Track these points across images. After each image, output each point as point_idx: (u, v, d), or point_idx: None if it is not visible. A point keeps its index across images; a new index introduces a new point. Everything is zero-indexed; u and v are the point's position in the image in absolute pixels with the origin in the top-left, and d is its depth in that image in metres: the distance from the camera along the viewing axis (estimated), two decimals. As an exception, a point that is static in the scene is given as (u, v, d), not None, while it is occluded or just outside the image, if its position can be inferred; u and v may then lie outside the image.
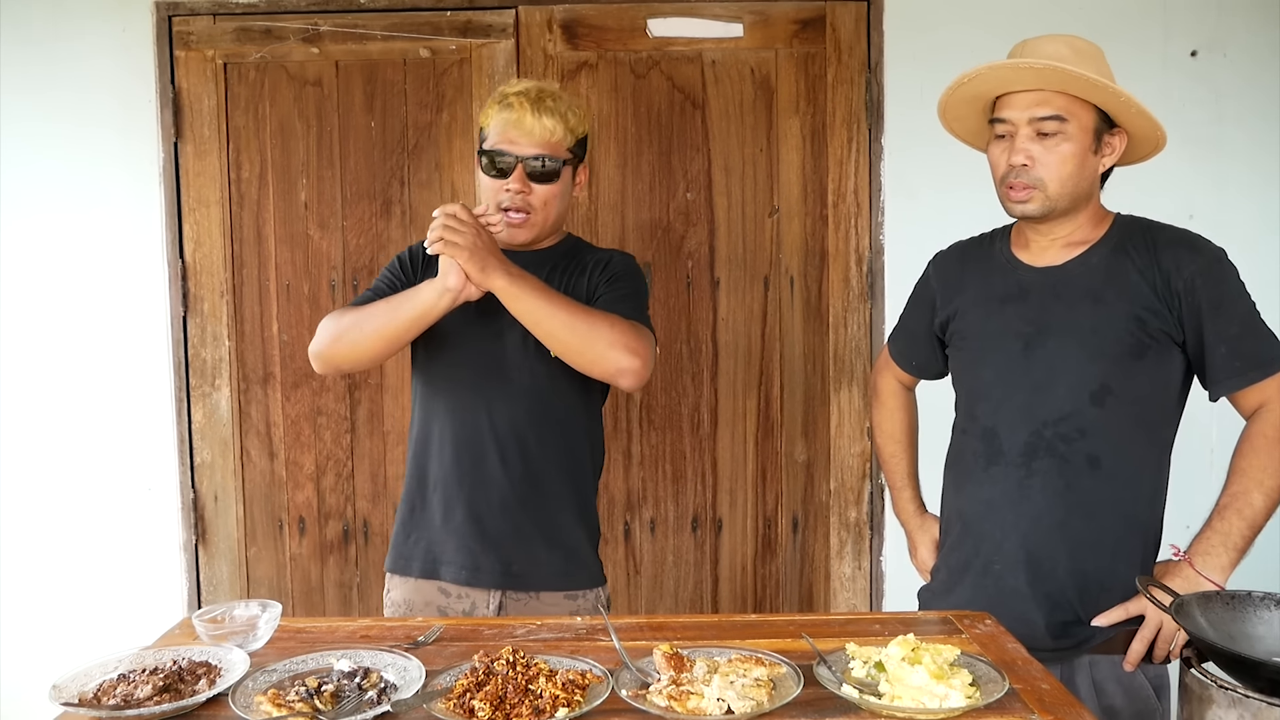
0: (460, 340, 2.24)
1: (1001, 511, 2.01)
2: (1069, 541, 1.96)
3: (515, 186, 2.17)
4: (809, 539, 3.46)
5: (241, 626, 1.70)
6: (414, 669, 1.56)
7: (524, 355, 2.21)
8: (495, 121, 2.20)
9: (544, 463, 2.25)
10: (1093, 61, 1.93)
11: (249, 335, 3.43)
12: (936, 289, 2.22)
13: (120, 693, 1.48)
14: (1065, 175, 1.93)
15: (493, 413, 2.22)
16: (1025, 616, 1.94)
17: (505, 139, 2.18)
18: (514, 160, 2.17)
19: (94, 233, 3.40)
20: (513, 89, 2.21)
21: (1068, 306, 1.97)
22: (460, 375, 2.25)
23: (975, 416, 2.08)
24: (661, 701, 1.44)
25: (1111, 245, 1.99)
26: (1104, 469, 1.94)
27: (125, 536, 3.47)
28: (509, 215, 2.19)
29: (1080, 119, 1.92)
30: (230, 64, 3.34)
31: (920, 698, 1.43)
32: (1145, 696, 1.95)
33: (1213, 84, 3.26)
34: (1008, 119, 1.96)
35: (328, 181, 3.38)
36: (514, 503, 2.22)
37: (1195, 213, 3.23)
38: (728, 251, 3.37)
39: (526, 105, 2.17)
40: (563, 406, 2.26)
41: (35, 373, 3.44)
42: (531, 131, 2.17)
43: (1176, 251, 1.93)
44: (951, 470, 2.17)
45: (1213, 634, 1.65)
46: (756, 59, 3.33)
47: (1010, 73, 1.92)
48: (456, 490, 2.23)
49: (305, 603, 3.48)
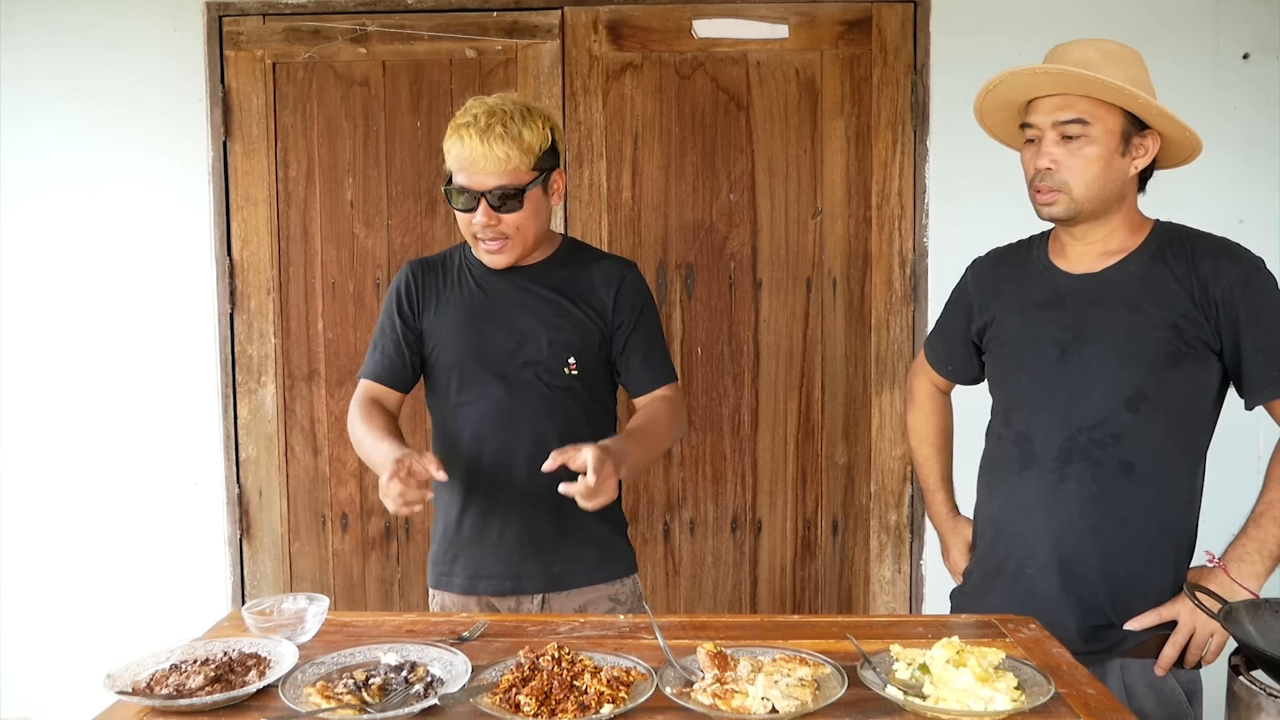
0: (476, 364, 2.25)
1: (1034, 515, 2.01)
2: (1101, 546, 1.95)
3: (482, 221, 2.14)
4: (849, 542, 3.45)
5: (290, 619, 1.73)
6: (460, 664, 1.58)
7: (543, 369, 2.23)
8: (452, 154, 2.14)
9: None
10: (1123, 65, 1.93)
11: (294, 332, 3.46)
12: (974, 295, 2.22)
13: (173, 682, 1.50)
14: (1090, 178, 1.92)
15: (519, 428, 2.24)
16: (1057, 620, 1.92)
17: (463, 173, 2.13)
18: (475, 195, 2.12)
19: (143, 230, 3.45)
20: (462, 117, 2.13)
21: (1105, 314, 1.96)
22: (482, 395, 2.25)
23: (1010, 421, 2.08)
24: (706, 699, 1.44)
25: (1150, 253, 1.97)
26: (1138, 474, 1.93)
27: (171, 531, 3.52)
28: (486, 244, 2.18)
29: (1105, 122, 1.91)
30: (279, 64, 3.38)
31: (965, 700, 1.42)
32: (1177, 701, 1.94)
33: (1265, 86, 3.22)
34: (1034, 123, 1.97)
35: (373, 181, 3.41)
36: (550, 511, 2.22)
37: (1246, 217, 3.20)
38: (770, 253, 3.37)
39: (475, 136, 2.08)
40: (584, 410, 2.29)
41: (83, 369, 3.50)
42: (485, 163, 2.09)
43: (1215, 260, 1.92)
44: (986, 474, 2.17)
45: (1261, 641, 1.63)
46: (801, 60, 3.33)
47: (1030, 78, 1.94)
48: (492, 507, 2.26)
49: (347, 598, 3.51)
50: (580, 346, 2.26)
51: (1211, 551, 1.93)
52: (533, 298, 2.26)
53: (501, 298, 2.27)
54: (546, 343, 2.23)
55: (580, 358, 2.26)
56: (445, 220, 3.40)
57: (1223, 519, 2.07)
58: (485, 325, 2.25)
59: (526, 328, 2.24)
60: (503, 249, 2.19)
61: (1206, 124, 3.23)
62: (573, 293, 2.28)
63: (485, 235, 2.16)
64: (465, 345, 2.25)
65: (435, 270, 2.34)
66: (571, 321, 2.26)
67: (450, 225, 3.38)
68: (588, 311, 2.27)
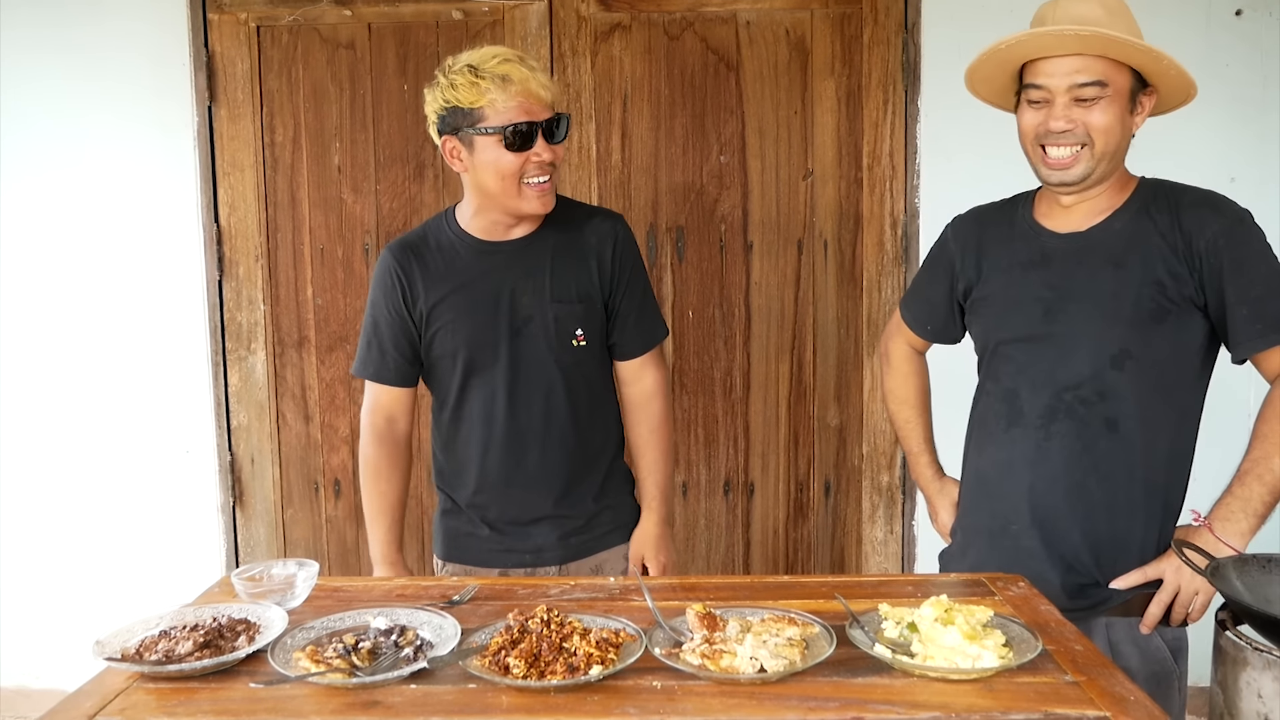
0: (481, 347, 2.21)
1: (1019, 473, 2.01)
2: (1085, 504, 1.95)
3: (547, 156, 2.09)
4: (841, 503, 3.46)
5: (280, 585, 1.73)
6: (450, 627, 1.58)
7: (550, 348, 2.21)
8: (496, 96, 2.05)
9: (586, 440, 2.28)
10: (1124, 20, 1.90)
11: (284, 299, 3.45)
12: (955, 253, 2.19)
13: (162, 648, 1.50)
14: (1112, 139, 1.89)
15: (530, 407, 2.22)
16: (1041, 577, 1.93)
17: (521, 109, 2.06)
18: (537, 127, 2.08)
19: (129, 197, 3.43)
20: (488, 61, 2.07)
21: (1090, 272, 1.94)
22: (489, 377, 2.22)
23: (998, 379, 2.07)
24: (695, 660, 1.44)
25: (1135, 210, 1.96)
26: (1122, 432, 1.93)
27: (164, 498, 3.52)
28: (538, 184, 2.12)
29: (1117, 82, 1.89)
30: (263, 27, 3.35)
31: (953, 658, 1.43)
32: (1162, 659, 1.95)
33: (1258, 44, 3.20)
34: (1044, 85, 1.91)
35: (361, 145, 3.39)
36: (562, 486, 2.25)
37: (1237, 174, 3.19)
38: (761, 215, 3.35)
39: (521, 66, 2.06)
40: (590, 380, 2.28)
41: (73, 339, 3.49)
42: (542, 92, 2.08)
43: (1199, 213, 1.90)
44: (975, 432, 2.16)
45: (1248, 597, 1.64)
46: (791, 19, 3.30)
47: (1054, 39, 1.87)
48: (505, 490, 2.25)
49: (341, 564, 3.52)
50: (585, 317, 2.24)
51: (1197, 510, 1.93)
52: (535, 270, 2.21)
53: (501, 273, 2.21)
54: (553, 317, 2.20)
55: (586, 328, 2.24)
56: (434, 185, 3.38)
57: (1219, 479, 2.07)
58: (489, 305, 2.19)
59: (531, 304, 2.20)
60: (551, 186, 2.15)
61: (1199, 81, 3.22)
62: (571, 259, 2.23)
63: (541, 173, 2.11)
64: (470, 327, 2.20)
65: (421, 251, 2.25)
66: (575, 292, 2.22)
67: (438, 191, 3.36)
68: (587, 278, 2.24)
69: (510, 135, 2.06)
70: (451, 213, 2.28)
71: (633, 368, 2.35)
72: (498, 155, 2.08)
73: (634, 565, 2.33)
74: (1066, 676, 1.41)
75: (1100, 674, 1.42)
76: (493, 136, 2.07)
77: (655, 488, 2.35)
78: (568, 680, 1.39)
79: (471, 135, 2.08)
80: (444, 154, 2.16)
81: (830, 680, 1.42)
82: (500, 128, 2.06)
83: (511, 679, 1.40)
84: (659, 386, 2.37)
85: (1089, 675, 1.41)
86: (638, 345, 2.33)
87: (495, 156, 2.08)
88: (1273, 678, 1.51)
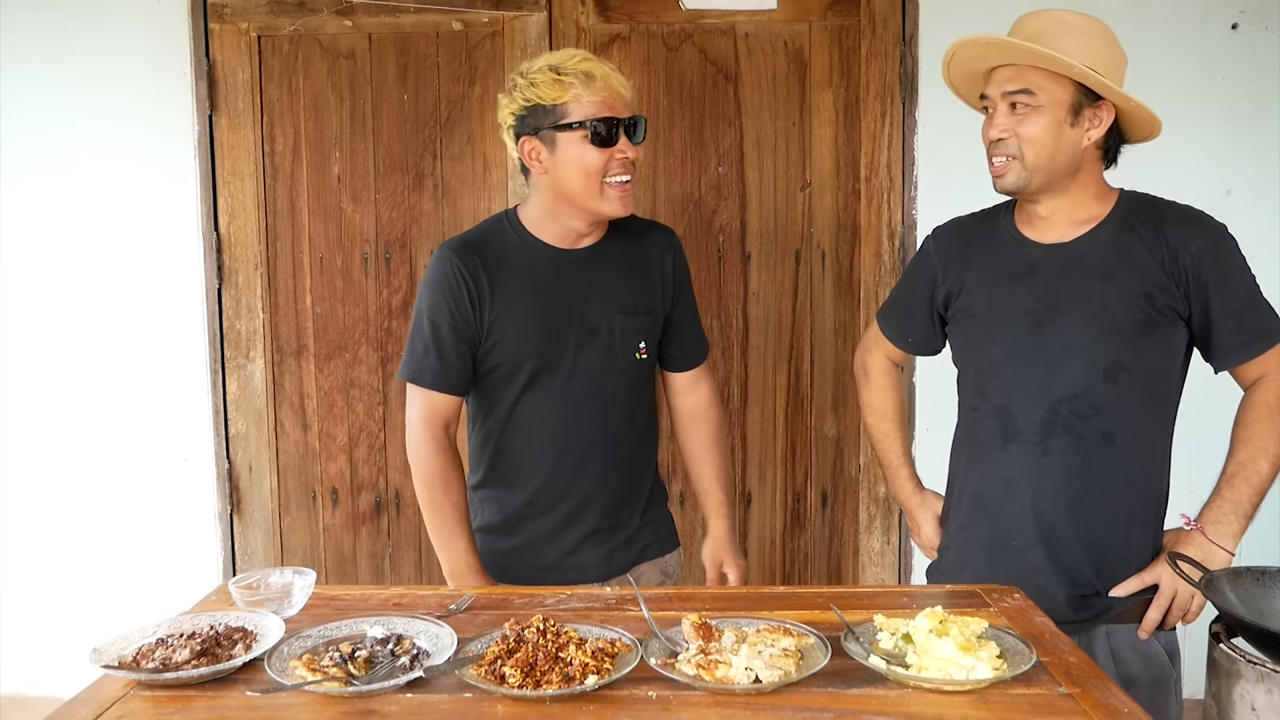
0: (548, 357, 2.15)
1: (1019, 489, 2.01)
2: (1086, 516, 1.97)
3: (631, 153, 2.07)
4: (838, 514, 3.46)
5: (277, 593, 1.73)
6: (446, 636, 1.58)
7: (616, 358, 2.18)
8: (581, 92, 2.03)
9: (637, 454, 2.29)
10: (1081, 36, 1.93)
11: (283, 307, 3.46)
12: (937, 264, 2.19)
13: (159, 656, 1.51)
14: (1038, 148, 1.93)
15: (590, 421, 2.19)
16: (1045, 591, 1.94)
17: (605, 105, 2.04)
18: (620, 124, 2.06)
19: (130, 205, 3.44)
20: (570, 60, 2.06)
21: (1078, 284, 1.97)
22: (551, 389, 2.16)
23: (987, 395, 2.08)
24: (690, 670, 1.45)
25: (1119, 222, 1.99)
26: (1118, 445, 1.96)
27: (162, 506, 3.52)
28: (619, 183, 2.09)
29: (1051, 93, 1.92)
30: (264, 37, 3.36)
31: (947, 669, 1.43)
32: (1161, 663, 1.98)
33: (1254, 56, 3.21)
34: (988, 94, 1.99)
35: (360, 154, 3.40)
36: (612, 503, 2.23)
37: (1233, 187, 3.21)
38: (759, 226, 3.36)
39: (605, 67, 2.06)
40: (644, 394, 2.28)
41: (72, 346, 3.49)
42: (624, 92, 2.08)
43: (1183, 229, 1.95)
44: (963, 448, 2.17)
45: (1242, 609, 1.65)
46: (790, 32, 3.31)
47: (980, 48, 1.96)
48: (556, 502, 2.21)
49: (338, 572, 3.52)
50: (648, 329, 2.23)
51: (1187, 514, 1.95)
52: (602, 281, 2.18)
53: (570, 282, 2.17)
54: (620, 330, 2.18)
55: (649, 340, 2.23)
56: (433, 194, 3.38)
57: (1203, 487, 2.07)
58: (556, 315, 2.14)
59: (599, 316, 2.17)
60: (631, 189, 2.12)
61: (1195, 94, 3.25)
62: (635, 271, 2.22)
63: (624, 172, 2.08)
64: (537, 337, 2.13)
65: (486, 254, 2.15)
66: (640, 304, 2.21)
67: (438, 200, 3.37)
68: (651, 291, 2.23)
69: (596, 130, 2.04)
70: (514, 216, 2.22)
71: (688, 379, 2.37)
72: (582, 151, 2.05)
73: (712, 573, 2.37)
74: (1060, 688, 1.42)
75: (1094, 686, 1.42)
76: (577, 132, 2.04)
77: (723, 493, 2.38)
78: (563, 690, 1.40)
79: (553, 133, 2.05)
80: (522, 156, 2.11)
81: (825, 691, 1.42)
82: (584, 122, 2.04)
83: (507, 688, 1.41)
84: (714, 396, 2.41)
85: (1083, 687, 1.42)
86: (694, 357, 2.36)
87: (580, 153, 2.05)
88: (1266, 690, 1.52)
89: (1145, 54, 3.17)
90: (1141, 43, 3.19)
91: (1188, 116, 3.21)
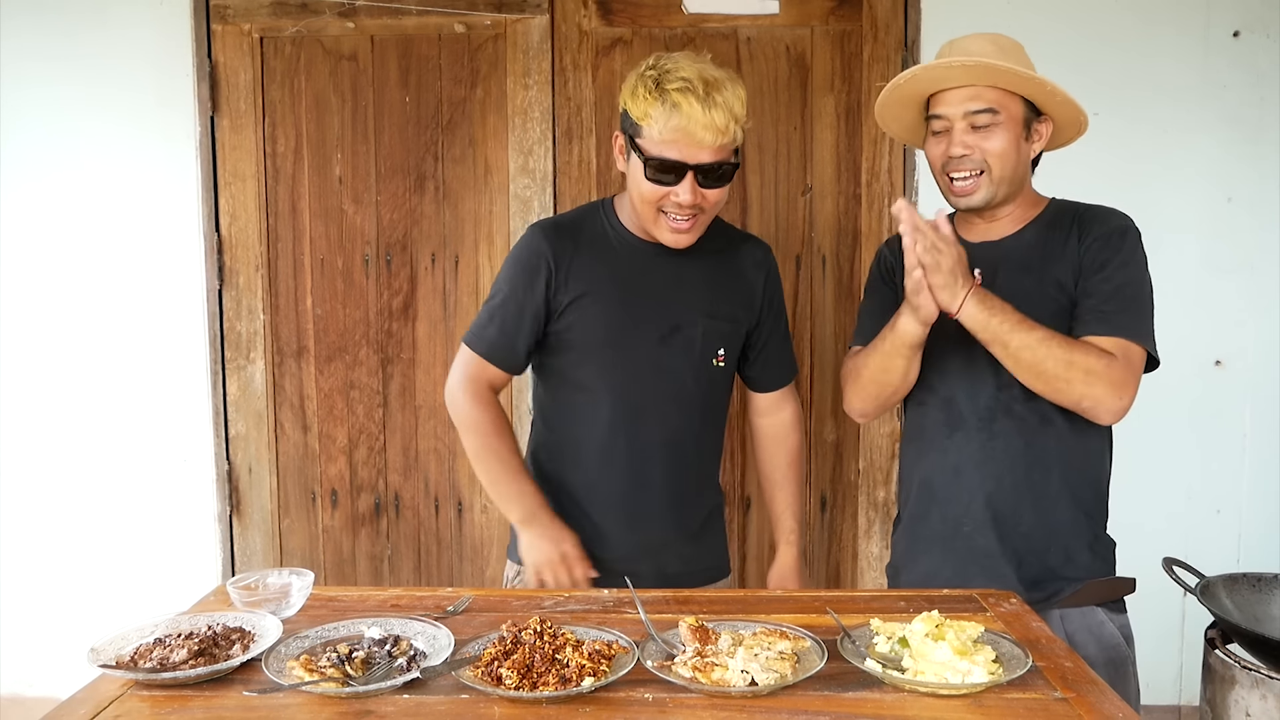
0: (623, 347, 2.12)
1: (967, 474, 2.07)
2: (1032, 496, 2.03)
3: (689, 199, 1.97)
4: (837, 518, 3.46)
5: (275, 594, 1.73)
6: (443, 637, 1.59)
7: (694, 360, 2.15)
8: (658, 120, 1.93)
9: (701, 465, 2.25)
10: (1016, 56, 2.02)
11: (283, 309, 3.46)
12: (893, 267, 2.26)
13: (156, 656, 1.51)
14: (1004, 163, 2.01)
15: (658, 423, 2.15)
16: (998, 574, 2.00)
17: (674, 146, 1.93)
18: (686, 169, 1.94)
19: (131, 206, 3.44)
20: (673, 79, 1.93)
21: (1005, 277, 2.04)
22: (623, 384, 2.13)
23: (933, 387, 2.14)
24: (686, 673, 1.45)
25: (1044, 223, 2.09)
26: (1056, 425, 2.01)
27: (162, 507, 3.53)
28: (676, 221, 2.02)
29: (1009, 109, 2.00)
30: (266, 38, 3.37)
31: (943, 673, 1.43)
32: (1116, 644, 2.00)
33: (1255, 65, 3.22)
34: (943, 115, 2.03)
35: (362, 156, 3.40)
36: (673, 513, 2.20)
37: (1234, 195, 3.21)
38: (760, 230, 3.36)
39: (696, 104, 1.90)
40: (716, 405, 2.25)
41: (73, 346, 3.50)
42: (705, 135, 1.91)
43: (1090, 222, 2.04)
44: (912, 443, 2.22)
45: (1238, 615, 1.65)
46: (792, 36, 3.32)
47: (943, 71, 2.00)
48: (615, 505, 2.17)
49: (337, 574, 3.52)
50: (730, 336, 2.19)
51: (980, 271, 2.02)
52: (689, 280, 2.14)
53: (656, 277, 2.12)
54: (701, 332, 2.14)
55: (728, 348, 2.19)
56: (434, 196, 3.39)
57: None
58: (638, 308, 2.10)
59: (681, 314, 2.13)
60: (692, 227, 2.03)
61: (1196, 101, 3.26)
62: (725, 278, 2.18)
63: (682, 214, 2.00)
64: (614, 328, 2.09)
65: (575, 238, 2.13)
66: (725, 310, 2.17)
67: (439, 202, 3.38)
68: (738, 299, 2.20)
69: (654, 167, 1.96)
70: (610, 205, 2.19)
71: (772, 399, 2.34)
72: (640, 179, 2.00)
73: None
74: (1056, 693, 1.42)
75: (1089, 691, 1.43)
76: (646, 165, 1.97)
77: (794, 520, 2.34)
78: (560, 692, 1.40)
79: (630, 146, 2.02)
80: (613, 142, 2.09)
81: (821, 694, 1.43)
82: (647, 157, 1.97)
83: (504, 690, 1.41)
84: (797, 419, 2.37)
85: (1078, 692, 1.42)
86: (781, 377, 2.33)
87: (638, 178, 2.00)
88: (1260, 696, 1.52)
89: (1147, 61, 3.21)
90: (1143, 50, 3.22)
91: (1189, 124, 3.22)
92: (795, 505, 2.36)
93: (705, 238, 2.13)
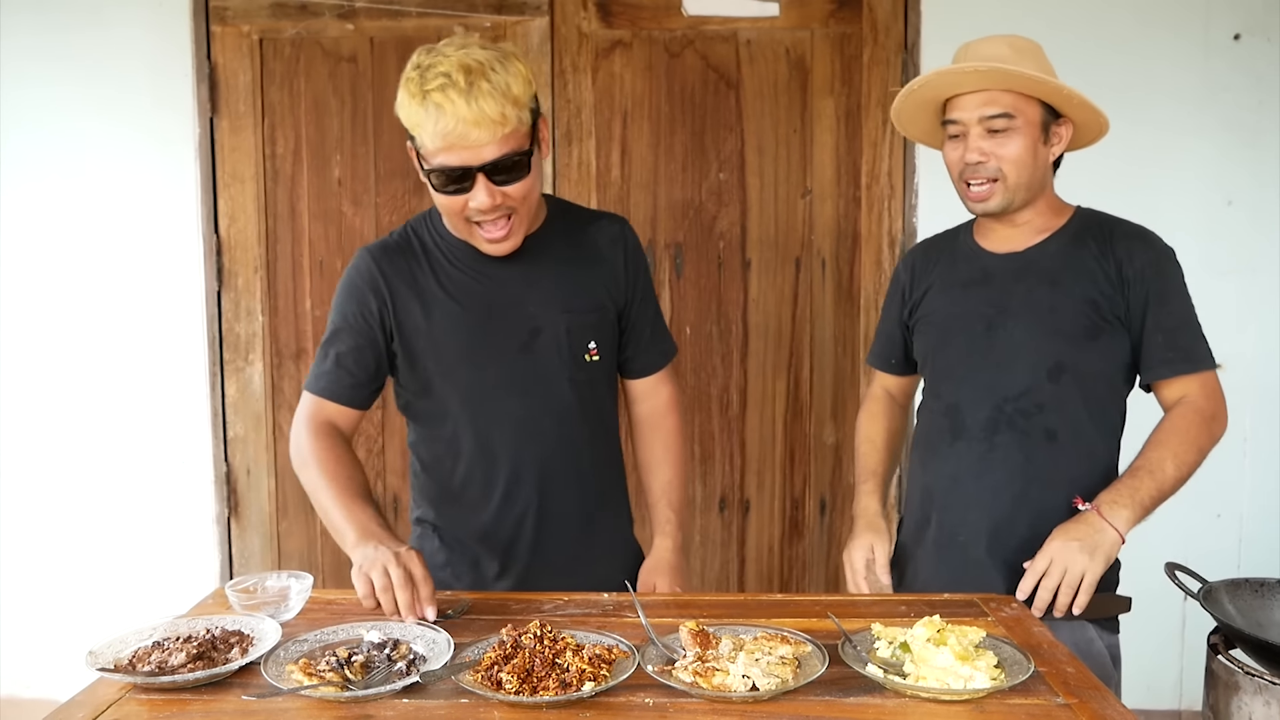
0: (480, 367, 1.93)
1: (965, 484, 2.07)
2: (1028, 512, 2.01)
3: (485, 202, 1.74)
4: (836, 521, 3.46)
5: (273, 597, 1.73)
6: (442, 641, 1.58)
7: (563, 361, 1.96)
8: (426, 126, 1.71)
9: (600, 475, 2.09)
10: (1032, 58, 2.00)
11: (282, 311, 3.45)
12: (905, 282, 2.28)
13: (155, 659, 1.50)
14: (1021, 168, 2.00)
15: (539, 436, 1.96)
16: (987, 585, 1.99)
17: (451, 151, 1.71)
18: (469, 172, 1.72)
19: (130, 208, 3.44)
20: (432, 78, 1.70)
21: (1027, 289, 2.03)
22: (490, 404, 1.94)
23: (940, 395, 2.14)
24: (687, 677, 1.44)
25: (1071, 234, 2.06)
26: (1059, 443, 2.00)
27: (160, 509, 3.52)
28: (488, 230, 1.81)
29: (1026, 114, 1.99)
30: (266, 40, 3.36)
31: (945, 678, 1.43)
32: (1103, 663, 1.98)
33: (1254, 69, 3.21)
34: (959, 120, 2.02)
35: (361, 158, 3.40)
36: (571, 530, 2.03)
37: (1234, 198, 3.21)
38: (759, 232, 3.36)
39: (458, 99, 1.67)
40: (601, 400, 2.06)
41: (71, 348, 3.49)
42: (478, 131, 1.68)
43: (1130, 243, 2.01)
44: (919, 448, 2.22)
45: (1241, 621, 1.65)
46: (792, 39, 3.31)
47: (957, 76, 1.99)
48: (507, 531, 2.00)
49: (336, 576, 3.51)
50: (599, 326, 1.99)
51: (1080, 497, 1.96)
52: (540, 278, 1.94)
53: (502, 284, 1.92)
54: (565, 330, 1.94)
55: (600, 340, 1.98)
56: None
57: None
58: (488, 320, 1.91)
59: (539, 315, 1.93)
60: (510, 231, 1.82)
61: (1196, 104, 3.26)
62: (581, 264, 1.98)
63: (487, 219, 1.79)
64: (465, 348, 1.91)
65: (404, 257, 1.93)
66: (587, 300, 1.98)
67: (438, 203, 3.37)
68: (599, 285, 2.00)
69: (439, 178, 1.76)
70: (436, 215, 1.97)
71: (648, 384, 2.15)
72: (434, 192, 1.80)
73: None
74: (1058, 699, 1.42)
75: (1092, 697, 1.42)
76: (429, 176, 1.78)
77: (670, 510, 2.10)
78: (560, 696, 1.39)
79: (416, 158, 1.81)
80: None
81: (822, 699, 1.42)
82: (429, 169, 1.76)
83: (504, 694, 1.40)
84: (674, 401, 2.17)
85: (1080, 698, 1.41)
86: (655, 361, 2.14)
87: (432, 192, 1.81)
88: (1264, 702, 1.52)
89: (1147, 64, 3.21)
90: (1143, 52, 3.22)
91: (1189, 127, 3.22)
92: (672, 492, 2.11)
93: (547, 224, 1.96)
